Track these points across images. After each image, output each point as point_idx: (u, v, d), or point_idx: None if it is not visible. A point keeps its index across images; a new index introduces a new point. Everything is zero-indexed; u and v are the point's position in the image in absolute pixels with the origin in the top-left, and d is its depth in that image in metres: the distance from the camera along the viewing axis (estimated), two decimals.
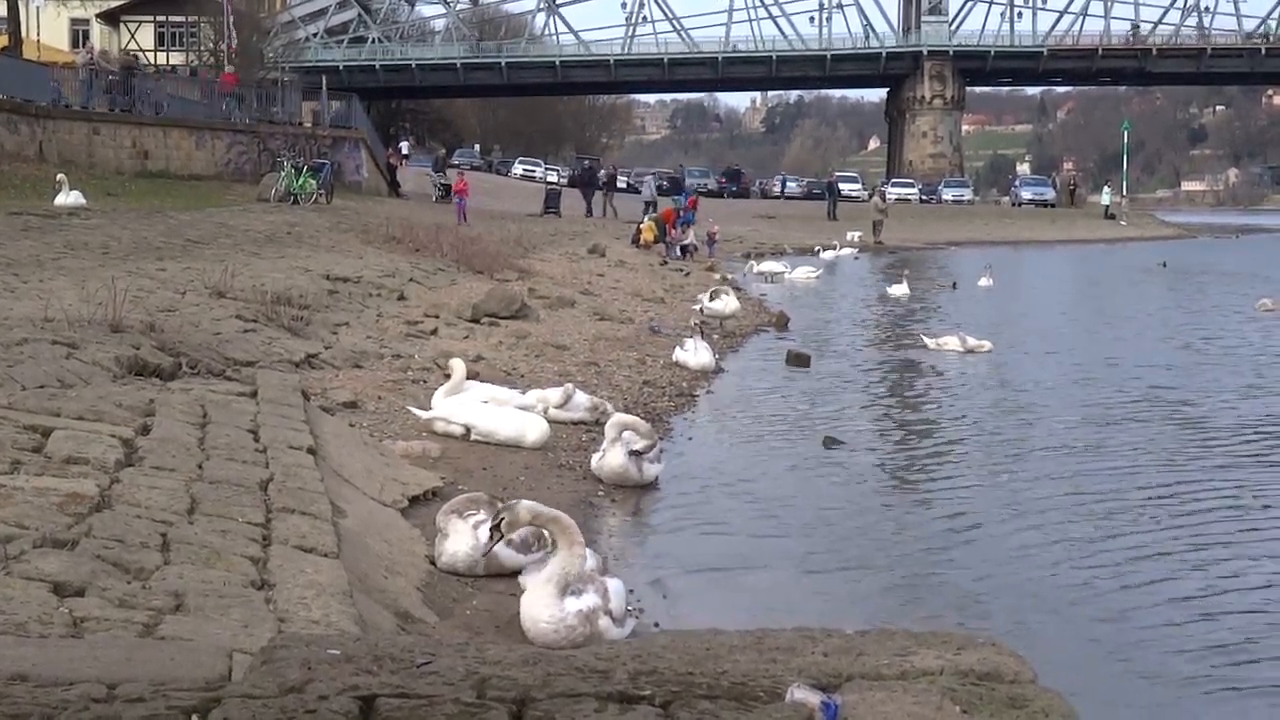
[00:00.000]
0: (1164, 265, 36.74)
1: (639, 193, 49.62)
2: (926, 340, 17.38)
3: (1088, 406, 12.94)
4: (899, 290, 26.07)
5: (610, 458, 8.49)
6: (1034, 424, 11.96)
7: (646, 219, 35.38)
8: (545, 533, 5.41)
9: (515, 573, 5.97)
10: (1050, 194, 75.44)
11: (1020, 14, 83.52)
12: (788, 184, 78.21)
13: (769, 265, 31.74)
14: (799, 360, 15.41)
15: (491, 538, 5.31)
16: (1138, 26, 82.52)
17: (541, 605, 5.04)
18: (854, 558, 7.41)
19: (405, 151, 61.56)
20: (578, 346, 14.13)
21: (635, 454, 8.46)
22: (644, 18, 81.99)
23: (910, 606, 6.55)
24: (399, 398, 9.78)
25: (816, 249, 39.65)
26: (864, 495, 9.02)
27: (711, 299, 18.51)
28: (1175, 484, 9.47)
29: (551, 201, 44.83)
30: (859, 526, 8.10)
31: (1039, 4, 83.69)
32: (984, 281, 28.24)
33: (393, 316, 14.18)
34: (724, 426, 11.50)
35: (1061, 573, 7.17)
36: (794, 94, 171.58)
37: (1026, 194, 75.92)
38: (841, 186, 65.50)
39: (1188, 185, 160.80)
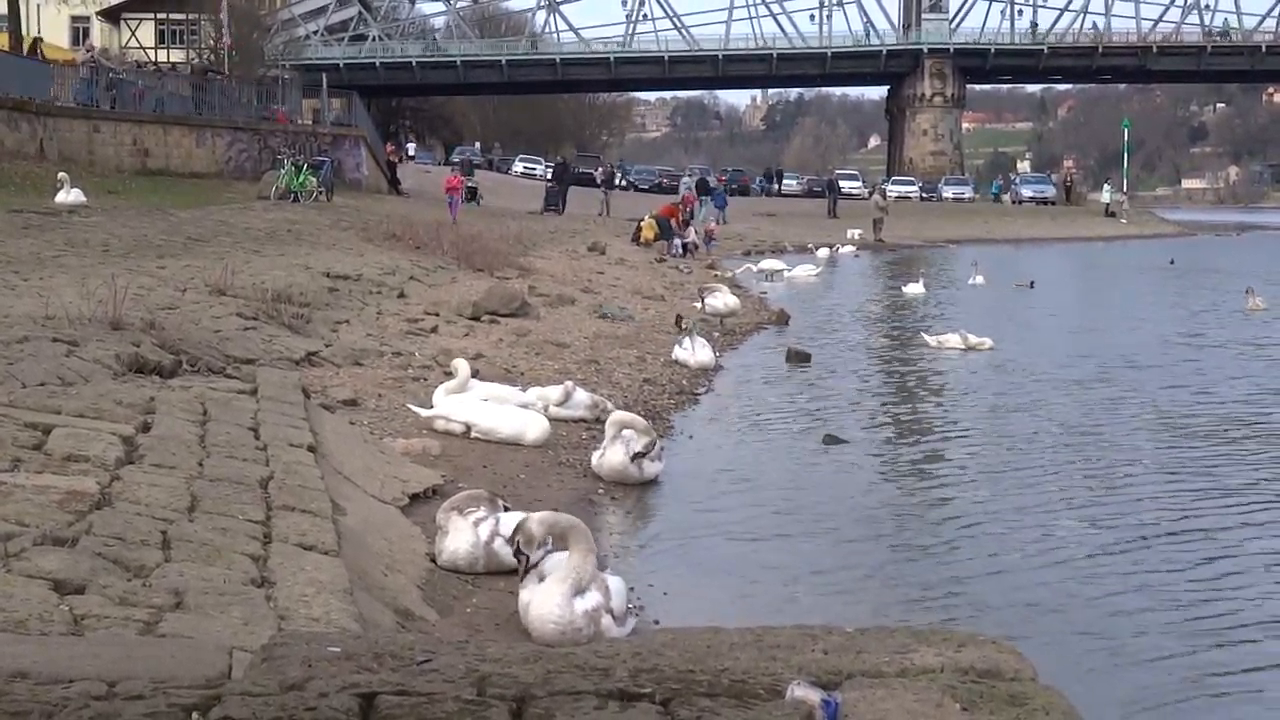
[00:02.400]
0: (1172, 263, 36.78)
1: (675, 192, 50.31)
2: (927, 338, 17.37)
3: (1087, 404, 12.94)
4: (915, 289, 26.03)
5: (610, 456, 8.50)
6: (1034, 422, 11.95)
7: (648, 217, 35.34)
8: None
9: (516, 570, 5.96)
10: (1051, 191, 75.42)
11: (1020, 11, 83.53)
12: (783, 181, 77.67)
13: (769, 263, 31.74)
14: (799, 358, 15.41)
15: (521, 564, 5.34)
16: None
17: (553, 604, 5.05)
18: (854, 555, 7.42)
19: (411, 152, 61.58)
20: (578, 344, 14.13)
21: (636, 456, 8.46)
22: (644, 15, 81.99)
23: (910, 604, 6.55)
24: (399, 395, 9.78)
25: (810, 246, 39.52)
26: (864, 493, 9.02)
27: (704, 297, 18.53)
28: (1176, 481, 9.47)
29: (552, 199, 44.85)
30: (859, 524, 8.10)
31: (1039, 1, 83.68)
32: (976, 280, 28.19)
33: (393, 314, 14.18)
34: (724, 424, 11.50)
35: (1062, 570, 7.18)
36: (794, 92, 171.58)
37: (1027, 191, 75.90)
38: (842, 184, 65.46)
39: (1188, 183, 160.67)
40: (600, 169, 55.11)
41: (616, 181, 56.75)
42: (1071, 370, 15.47)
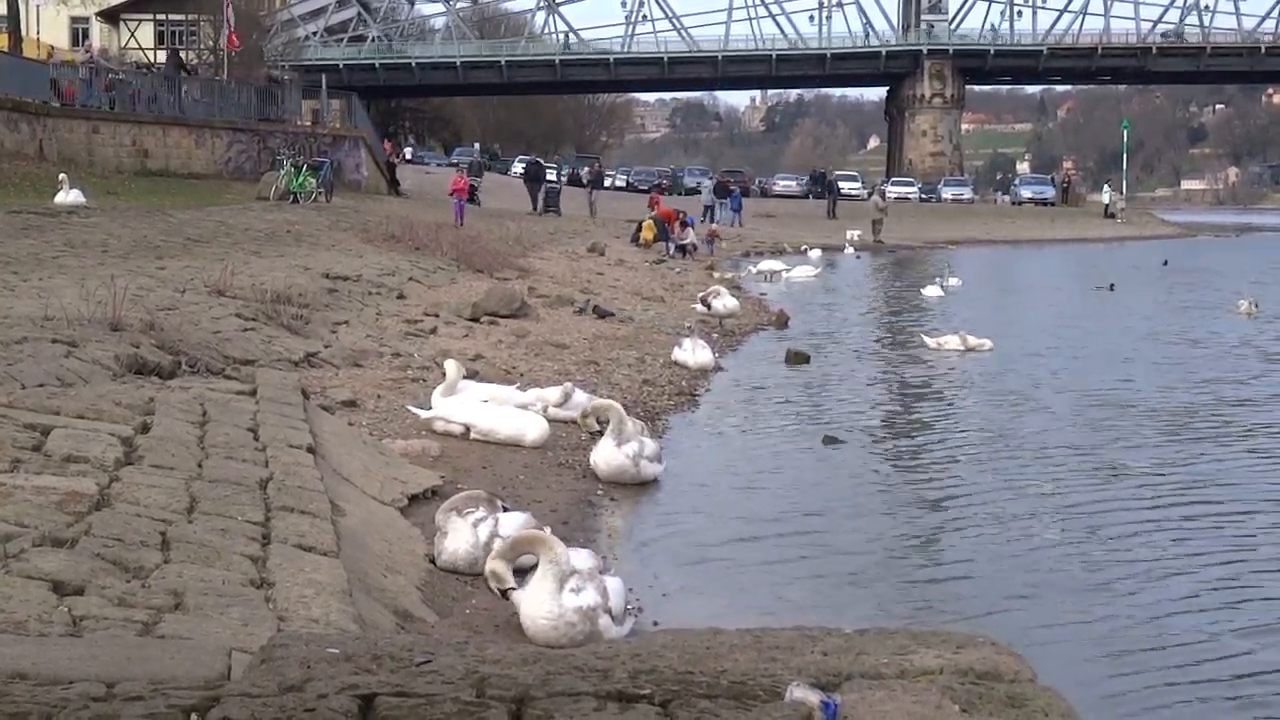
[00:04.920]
0: (1165, 264, 36.81)
1: (698, 194, 51.64)
2: (926, 339, 17.38)
3: (1085, 405, 12.94)
4: (932, 291, 25.94)
5: (602, 452, 8.51)
6: (1033, 422, 11.95)
7: (649, 218, 35.33)
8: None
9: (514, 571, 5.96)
10: (1050, 193, 75.38)
11: (1020, 13, 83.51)
12: (781, 182, 77.74)
13: (768, 264, 31.72)
14: (798, 359, 15.42)
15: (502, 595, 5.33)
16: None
17: (539, 601, 5.04)
18: (853, 557, 7.41)
19: (409, 157, 61.58)
20: (577, 345, 14.13)
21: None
22: (644, 16, 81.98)
23: (909, 605, 6.55)
24: (398, 396, 9.78)
25: (804, 248, 39.21)
26: (863, 494, 9.02)
27: (710, 301, 18.50)
28: (1176, 480, 9.48)
29: (551, 199, 44.79)
30: (858, 525, 8.10)
31: (1039, 3, 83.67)
32: (953, 281, 28.06)
33: (392, 315, 14.18)
34: (723, 425, 11.50)
35: (1061, 571, 7.18)
36: (794, 93, 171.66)
37: (1026, 192, 75.91)
38: (841, 185, 65.46)
39: (1187, 184, 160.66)
40: (588, 169, 55.43)
41: (605, 183, 57.09)
42: (1070, 371, 15.47)
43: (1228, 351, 17.72)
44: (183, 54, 46.82)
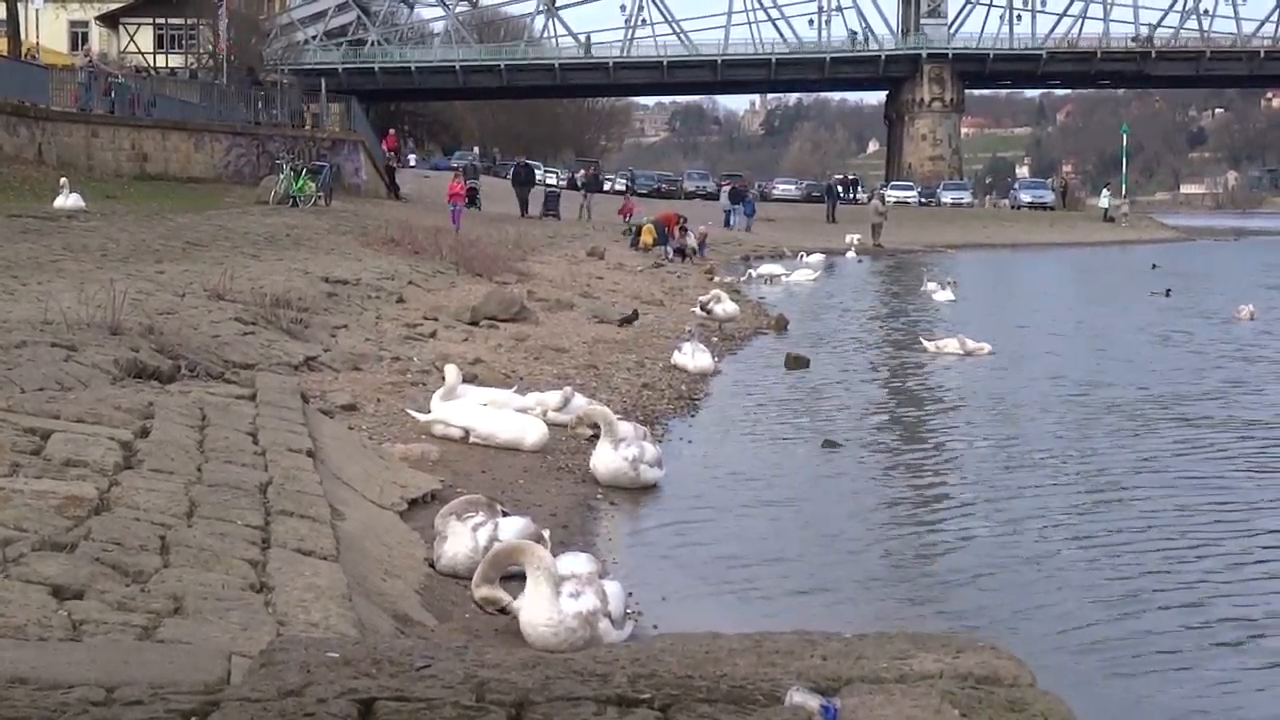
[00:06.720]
0: (1155, 267, 36.82)
1: (676, 196, 52.34)
2: (925, 343, 17.38)
3: (1085, 409, 12.94)
4: (944, 295, 25.89)
5: (600, 456, 8.50)
6: (1032, 426, 11.95)
7: (646, 221, 35.34)
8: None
9: (511, 576, 5.96)
10: (1050, 197, 75.40)
11: (1019, 16, 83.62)
12: (780, 186, 77.80)
13: (768, 268, 31.70)
14: (798, 363, 15.41)
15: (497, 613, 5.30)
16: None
17: (538, 608, 5.04)
18: (852, 560, 7.41)
19: (412, 162, 61.63)
20: (577, 349, 14.13)
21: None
22: (643, 20, 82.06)
23: (909, 609, 6.55)
24: (398, 400, 9.78)
25: (802, 254, 38.99)
26: (863, 498, 9.02)
27: (712, 306, 18.47)
28: (1173, 484, 9.47)
29: (550, 204, 44.78)
30: (858, 529, 8.10)
31: (1038, 6, 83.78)
32: (939, 290, 27.88)
33: (392, 319, 14.18)
34: (723, 429, 11.50)
35: (1061, 575, 7.17)
36: (793, 97, 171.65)
37: (1025, 196, 75.96)
38: (840, 189, 65.53)
39: (1187, 188, 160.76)
40: (582, 171, 55.50)
41: (605, 186, 57.18)
42: (1069, 375, 15.46)
43: (1227, 355, 17.72)
44: (186, 58, 46.93)
